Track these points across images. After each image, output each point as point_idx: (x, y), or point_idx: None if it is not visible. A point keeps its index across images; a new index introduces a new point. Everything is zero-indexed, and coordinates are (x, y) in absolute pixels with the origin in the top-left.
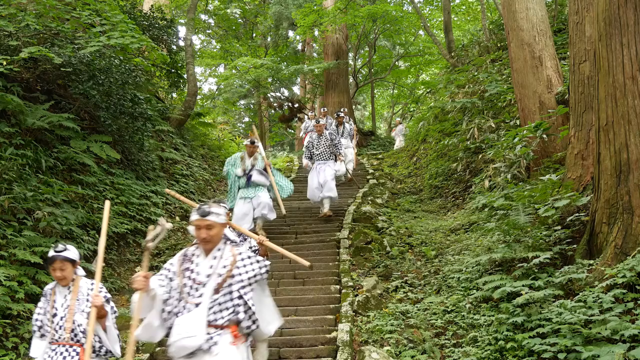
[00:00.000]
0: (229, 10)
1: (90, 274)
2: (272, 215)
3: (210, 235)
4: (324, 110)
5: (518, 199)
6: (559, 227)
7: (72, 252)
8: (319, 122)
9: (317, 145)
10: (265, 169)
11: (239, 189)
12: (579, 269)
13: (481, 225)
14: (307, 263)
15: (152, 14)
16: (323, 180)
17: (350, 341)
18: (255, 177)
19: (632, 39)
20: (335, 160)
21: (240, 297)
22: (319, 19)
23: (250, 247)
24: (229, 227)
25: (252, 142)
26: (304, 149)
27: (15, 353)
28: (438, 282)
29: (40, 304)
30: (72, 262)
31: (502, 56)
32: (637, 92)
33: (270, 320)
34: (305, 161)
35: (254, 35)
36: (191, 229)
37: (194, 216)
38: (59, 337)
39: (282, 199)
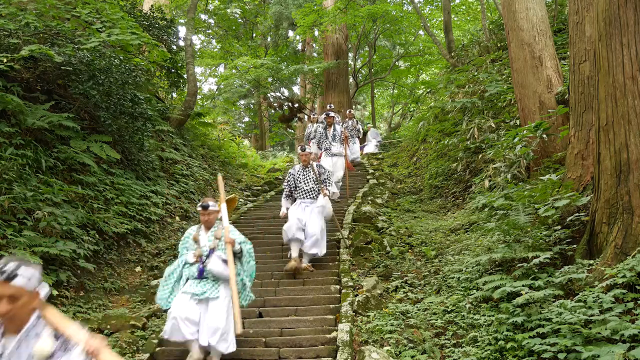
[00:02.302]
0: (229, 10)
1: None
2: (227, 348)
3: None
4: (329, 107)
5: (518, 199)
6: (559, 227)
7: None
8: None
9: (300, 180)
10: (238, 253)
11: (187, 279)
12: (579, 269)
13: (481, 225)
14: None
15: (152, 14)
16: (311, 228)
17: (350, 341)
18: (213, 265)
19: (632, 39)
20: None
21: None
22: (319, 19)
23: None
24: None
25: (205, 207)
26: (283, 185)
27: None
28: (438, 282)
29: None
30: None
31: (502, 56)
32: (637, 92)
33: None
34: (283, 205)
35: (254, 35)
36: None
37: None
38: None
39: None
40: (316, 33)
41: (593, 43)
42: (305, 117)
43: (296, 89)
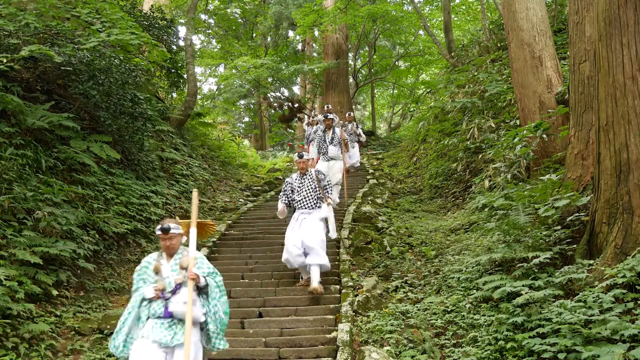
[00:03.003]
0: (229, 10)
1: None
2: None
3: None
4: (327, 107)
5: (518, 199)
6: (559, 227)
7: None
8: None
9: (298, 188)
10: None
11: (148, 318)
12: (579, 269)
13: (481, 225)
14: None
15: (152, 14)
16: (308, 240)
17: (350, 341)
18: (178, 305)
19: (632, 39)
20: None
21: None
22: (318, 19)
23: None
24: None
25: (165, 231)
26: (280, 194)
27: (16, 353)
28: (438, 282)
29: None
30: None
31: (502, 56)
32: (637, 92)
33: None
34: (280, 206)
35: (254, 35)
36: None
37: None
38: None
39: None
40: (316, 33)
41: (593, 43)
42: (305, 116)
43: (296, 89)
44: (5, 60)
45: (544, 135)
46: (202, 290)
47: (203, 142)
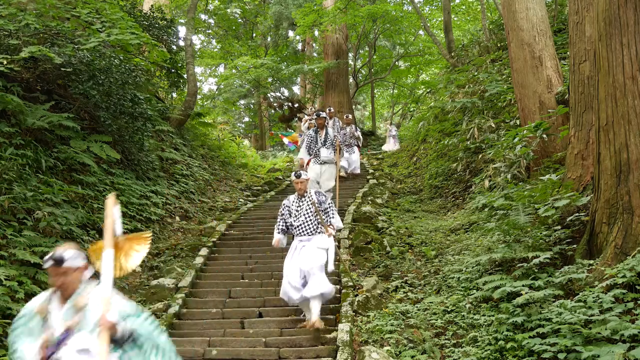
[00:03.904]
0: (229, 10)
1: None
2: None
3: None
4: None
5: (518, 199)
6: (559, 227)
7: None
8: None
9: (296, 212)
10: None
11: None
12: (579, 269)
13: (481, 225)
14: None
15: (152, 14)
16: (306, 265)
17: (350, 341)
18: None
19: (632, 39)
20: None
21: None
22: (318, 19)
23: None
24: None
25: (58, 262)
26: (278, 219)
27: None
28: (438, 282)
29: None
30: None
31: (502, 56)
32: (637, 92)
33: None
34: (276, 235)
35: (254, 35)
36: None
37: None
38: None
39: None
40: (316, 33)
41: (593, 43)
42: (306, 116)
43: (296, 89)
44: (5, 62)
45: (544, 135)
46: (123, 344)
47: (203, 142)
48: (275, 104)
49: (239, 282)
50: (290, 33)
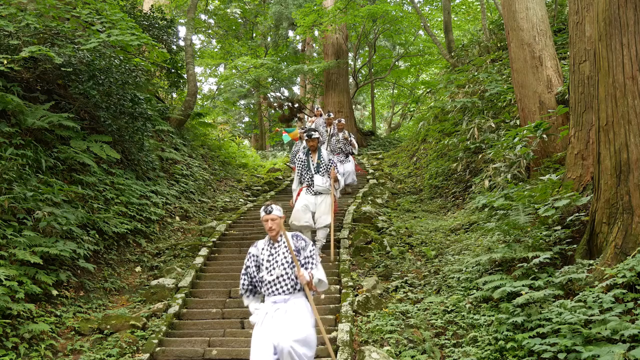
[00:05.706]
0: (229, 10)
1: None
2: None
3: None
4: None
5: (518, 199)
6: (559, 227)
7: None
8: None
9: (267, 264)
10: None
11: None
12: (579, 269)
13: (481, 225)
14: None
15: (152, 14)
16: (283, 345)
17: (350, 341)
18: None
19: (632, 39)
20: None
21: None
22: (318, 19)
23: None
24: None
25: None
26: (241, 273)
27: (15, 353)
28: (438, 282)
29: None
30: None
31: (502, 56)
32: (637, 92)
33: None
34: (246, 303)
35: (254, 35)
36: None
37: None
38: None
39: None
40: (316, 33)
41: (593, 43)
42: (305, 116)
43: (296, 89)
44: (5, 62)
45: (544, 135)
46: None
47: (203, 142)
48: (275, 104)
49: (239, 282)
50: (290, 33)
